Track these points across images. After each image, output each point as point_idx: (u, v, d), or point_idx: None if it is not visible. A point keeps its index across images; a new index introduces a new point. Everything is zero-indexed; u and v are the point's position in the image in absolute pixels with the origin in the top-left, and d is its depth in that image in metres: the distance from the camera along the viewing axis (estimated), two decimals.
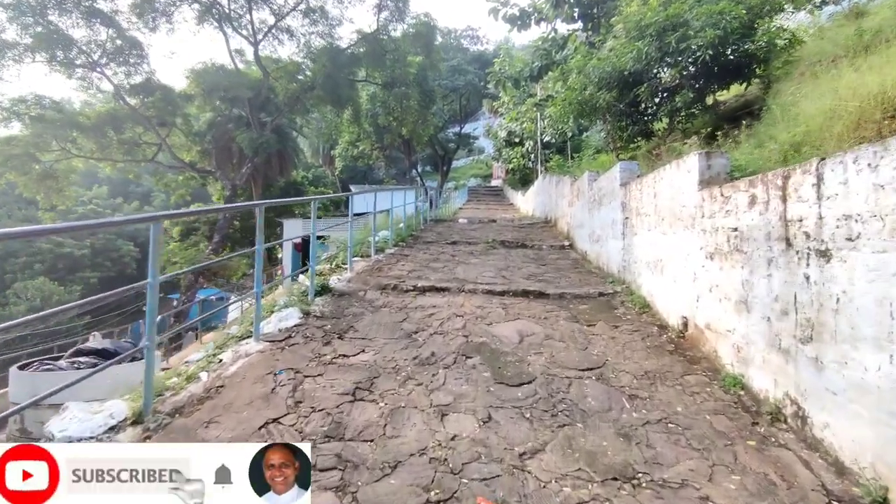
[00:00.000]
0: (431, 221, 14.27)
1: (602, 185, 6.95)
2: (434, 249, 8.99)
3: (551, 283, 6.23)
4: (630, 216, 5.48)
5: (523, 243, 9.94)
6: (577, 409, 2.86)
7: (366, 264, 7.07)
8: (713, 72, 8.14)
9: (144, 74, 18.89)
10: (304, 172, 35.84)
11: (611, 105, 9.12)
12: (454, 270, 6.86)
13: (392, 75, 18.59)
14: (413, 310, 4.93)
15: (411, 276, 6.38)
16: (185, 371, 3.38)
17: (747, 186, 2.91)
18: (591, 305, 5.14)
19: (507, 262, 7.87)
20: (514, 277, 6.51)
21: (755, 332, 2.81)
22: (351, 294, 5.47)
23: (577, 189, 9.17)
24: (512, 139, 26.09)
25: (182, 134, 21.79)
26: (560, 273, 6.93)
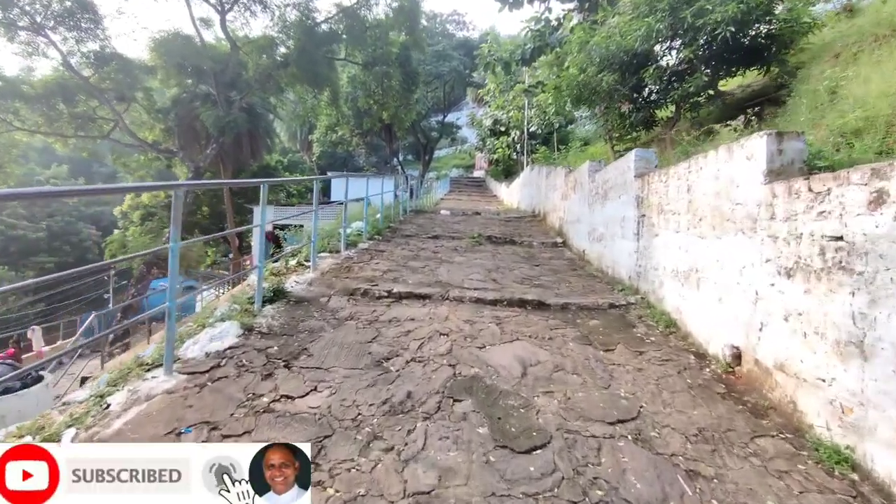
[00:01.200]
0: (412, 212, 13.24)
1: (608, 177, 6.06)
2: (414, 244, 8.00)
3: (549, 288, 5.33)
4: (648, 213, 4.60)
5: (512, 239, 9.03)
6: (620, 500, 1.94)
7: (334, 262, 6.04)
8: (730, 54, 7.31)
9: (98, 42, 17.17)
10: (279, 157, 34.16)
11: (613, 89, 8.24)
12: (436, 271, 5.89)
13: (373, 55, 17.32)
14: (386, 324, 3.95)
15: (386, 277, 5.39)
16: (47, 425, 2.33)
17: (867, 178, 2.02)
18: (602, 321, 4.26)
19: (495, 261, 6.95)
20: (506, 281, 5.59)
21: (879, 390, 1.93)
22: (310, 301, 4.46)
23: (574, 181, 8.29)
24: (497, 128, 25.11)
25: (143, 110, 20.07)
26: (558, 276, 6.05)
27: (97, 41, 17.11)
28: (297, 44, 15.35)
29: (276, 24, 17.48)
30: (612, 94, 8.35)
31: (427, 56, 29.12)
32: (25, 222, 34.87)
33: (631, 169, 5.10)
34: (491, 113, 23.57)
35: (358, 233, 7.95)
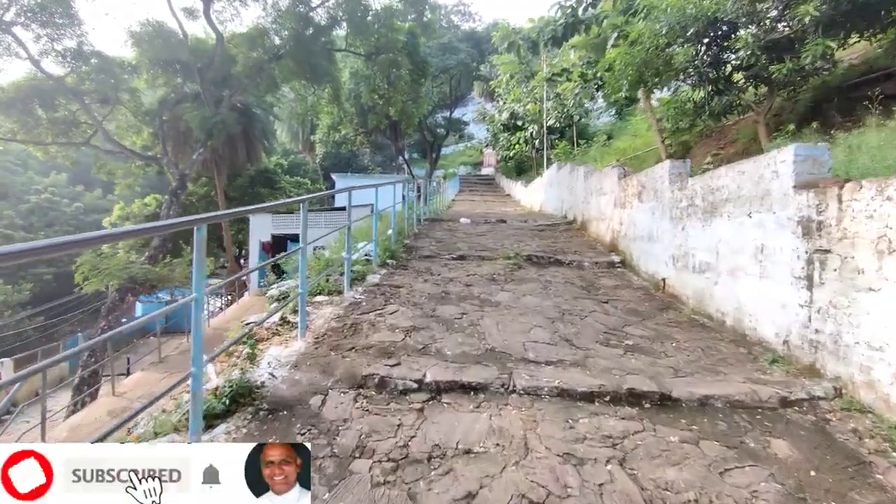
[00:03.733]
0: (426, 221, 11.49)
1: (720, 184, 4.27)
2: (438, 271, 6.26)
3: (653, 354, 3.57)
4: (843, 250, 2.82)
5: (556, 258, 7.27)
6: None
7: (334, 313, 4.30)
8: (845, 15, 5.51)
9: (76, 38, 15.57)
10: (279, 159, 32.51)
11: (688, 65, 6.42)
12: (481, 325, 4.14)
13: (377, 44, 15.54)
14: (423, 467, 2.22)
15: (410, 344, 3.63)
16: None
17: None
18: (791, 442, 2.48)
19: (551, 297, 5.21)
20: (584, 341, 3.83)
21: None
22: (293, 407, 2.72)
23: (639, 186, 6.49)
24: (512, 123, 23.27)
25: (130, 113, 18.48)
26: (649, 327, 4.29)
27: (74, 38, 15.52)
28: (292, 33, 13.61)
29: (269, 13, 15.77)
30: (685, 72, 6.54)
31: (433, 48, 27.37)
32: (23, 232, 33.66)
33: (785, 175, 3.31)
34: (507, 106, 21.71)
35: (366, 259, 6.22)
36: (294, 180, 26.41)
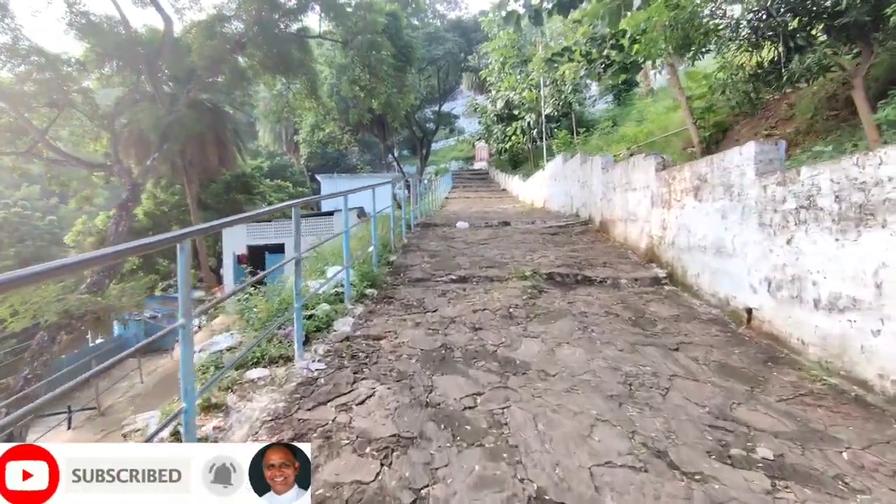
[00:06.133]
0: (418, 227, 9.85)
1: (887, 176, 2.67)
2: (432, 303, 4.64)
3: (835, 492, 1.97)
4: None
5: (584, 275, 5.68)
6: None
7: (267, 408, 2.65)
8: None
9: (9, 33, 13.72)
10: (261, 161, 30.64)
11: (747, 19, 4.80)
12: (507, 426, 2.50)
13: (355, 28, 13.80)
14: None
15: (387, 497, 2.00)
16: None
17: None
18: None
19: (596, 343, 3.61)
20: (690, 455, 2.22)
21: None
22: None
23: (697, 178, 4.89)
24: (507, 112, 21.61)
25: (85, 116, 16.62)
26: (779, 410, 2.69)
27: (7, 32, 13.66)
28: (254, 18, 11.85)
29: None
30: (750, 25, 4.91)
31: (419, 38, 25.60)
32: None
33: None
34: (500, 94, 20.04)
35: (335, 296, 4.56)
36: (274, 184, 24.58)
